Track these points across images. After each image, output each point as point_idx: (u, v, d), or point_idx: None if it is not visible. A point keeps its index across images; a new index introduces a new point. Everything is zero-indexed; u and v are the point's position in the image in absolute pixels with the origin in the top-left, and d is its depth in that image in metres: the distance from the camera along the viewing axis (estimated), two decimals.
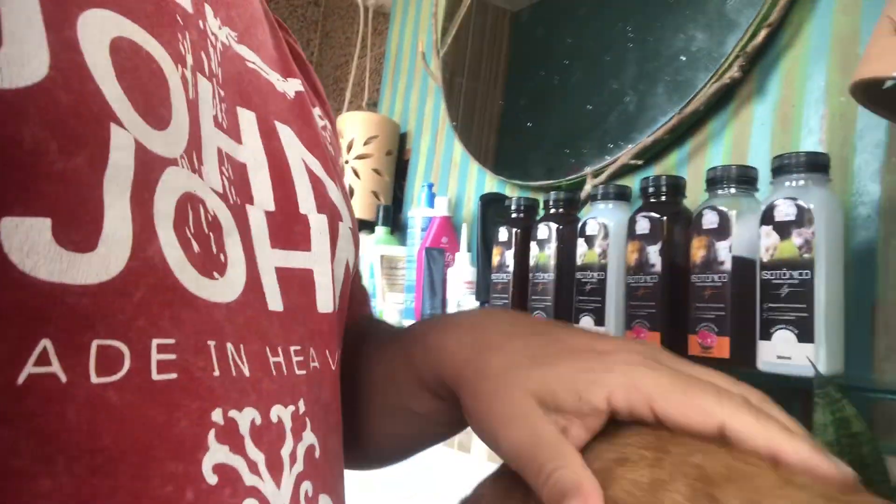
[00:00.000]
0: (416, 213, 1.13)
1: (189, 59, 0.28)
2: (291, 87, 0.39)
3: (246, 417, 0.26)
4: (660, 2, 0.91)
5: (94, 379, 0.21)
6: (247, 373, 0.27)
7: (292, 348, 0.31)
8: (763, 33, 0.76)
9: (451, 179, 1.23)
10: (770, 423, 0.26)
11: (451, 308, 1.01)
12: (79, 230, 0.21)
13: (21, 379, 0.20)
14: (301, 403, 0.30)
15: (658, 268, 0.70)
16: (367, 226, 1.27)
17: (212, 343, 0.26)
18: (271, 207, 0.32)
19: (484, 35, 1.28)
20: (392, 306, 1.13)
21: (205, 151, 0.28)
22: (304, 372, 0.31)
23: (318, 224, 0.35)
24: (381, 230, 1.24)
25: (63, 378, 0.21)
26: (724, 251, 0.64)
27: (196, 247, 0.26)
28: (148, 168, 0.24)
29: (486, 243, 0.99)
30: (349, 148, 1.31)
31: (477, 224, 1.03)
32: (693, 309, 0.66)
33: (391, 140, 1.34)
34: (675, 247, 0.71)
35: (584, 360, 0.29)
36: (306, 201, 0.34)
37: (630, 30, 0.94)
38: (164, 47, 0.27)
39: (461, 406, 0.32)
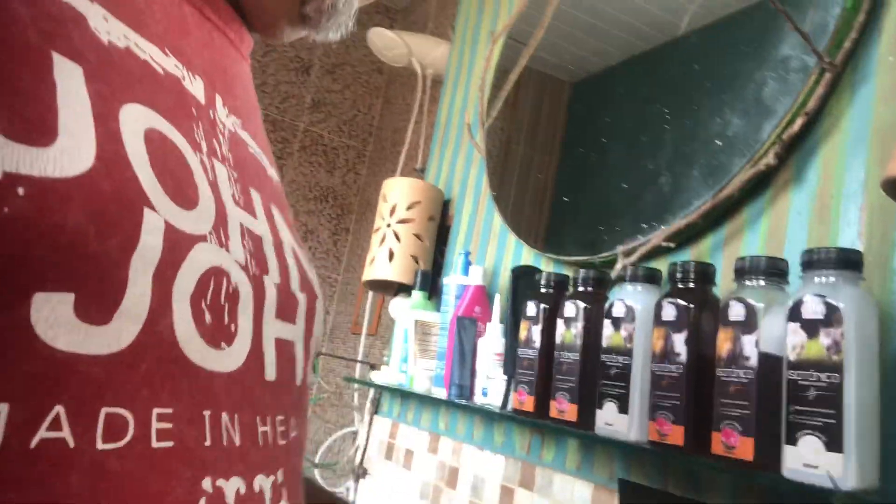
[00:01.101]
0: (452, 281, 1.14)
1: (204, 146, 0.31)
2: (274, 174, 0.42)
3: (232, 487, 0.28)
4: (697, 86, 0.91)
5: (100, 445, 0.23)
6: (237, 442, 0.29)
7: (278, 418, 0.33)
8: (800, 121, 0.75)
9: (490, 249, 1.24)
10: None
11: (480, 380, 1.00)
12: (99, 305, 0.23)
13: (34, 443, 0.21)
14: (279, 473, 0.32)
15: (683, 357, 0.68)
16: (405, 289, 1.28)
17: (207, 413, 0.27)
18: (278, 280, 0.35)
19: (533, 109, 1.31)
20: (422, 372, 1.13)
21: (230, 227, 0.30)
22: (284, 442, 0.33)
23: (301, 301, 0.37)
24: (417, 295, 1.25)
25: (71, 443, 0.22)
26: (751, 346, 0.62)
27: (209, 318, 0.27)
28: (176, 246, 0.26)
29: (515, 316, 0.98)
30: (392, 212, 1.35)
31: (509, 296, 1.03)
32: (717, 405, 0.63)
33: (434, 206, 1.37)
34: (702, 337, 0.68)
35: None
36: (294, 279, 0.37)
37: (667, 112, 0.94)
38: (184, 135, 0.30)
39: None
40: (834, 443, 0.53)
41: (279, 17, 0.40)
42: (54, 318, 0.22)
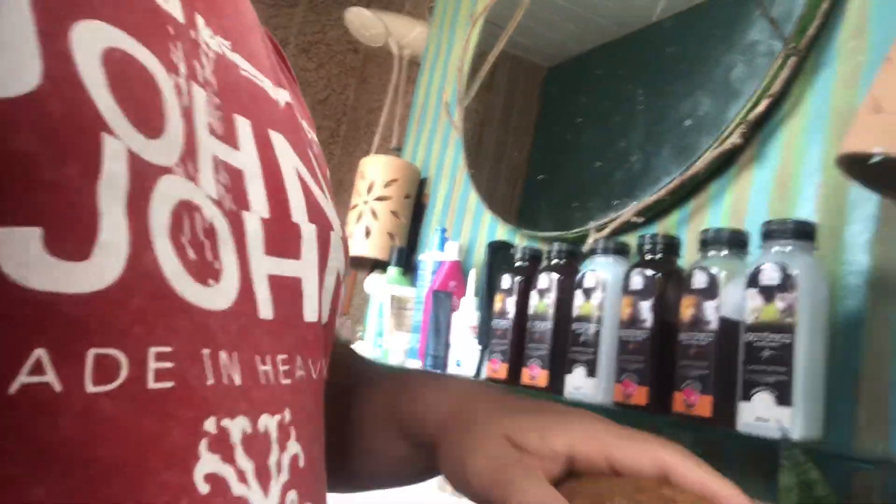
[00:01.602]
0: (428, 257, 1.17)
1: (182, 68, 0.29)
2: (282, 96, 0.40)
3: (237, 426, 0.27)
4: (670, 68, 0.95)
5: (90, 388, 0.21)
6: (238, 381, 0.28)
7: (279, 357, 0.31)
8: (765, 103, 0.78)
9: (465, 226, 1.27)
10: (702, 469, 0.31)
11: (454, 351, 1.03)
12: (72, 239, 0.21)
13: (13, 389, 0.20)
14: (286, 413, 0.31)
15: (649, 323, 0.72)
16: (381, 265, 1.30)
17: (206, 351, 0.26)
18: (266, 215, 0.32)
19: (508, 91, 1.34)
20: (398, 345, 1.15)
21: (200, 159, 0.28)
22: (289, 381, 0.32)
23: (308, 233, 0.35)
24: (393, 270, 1.27)
25: (58, 387, 0.21)
26: (712, 311, 0.66)
27: (191, 254, 0.26)
28: (142, 177, 0.24)
29: (490, 289, 1.01)
30: (369, 189, 1.36)
31: (485, 270, 1.06)
32: (679, 366, 0.67)
33: (411, 184, 1.39)
34: (666, 304, 0.72)
35: (550, 413, 0.35)
36: (298, 210, 0.34)
37: (641, 93, 0.97)
38: (157, 57, 0.27)
39: (436, 454, 0.36)
40: (784, 397, 0.57)
41: None
42: (23, 256, 0.20)
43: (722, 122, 0.82)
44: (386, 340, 1.19)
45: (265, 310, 0.31)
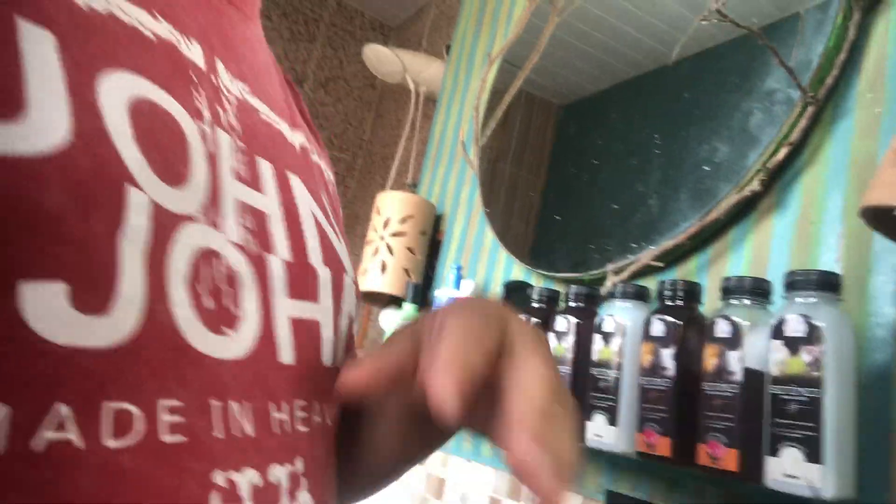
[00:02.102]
0: (442, 294, 1.16)
1: (207, 114, 0.29)
2: (297, 139, 0.40)
3: (245, 479, 0.27)
4: (686, 113, 0.96)
5: (109, 443, 0.22)
6: (249, 431, 0.27)
7: (297, 403, 0.31)
8: (784, 151, 0.79)
9: (481, 264, 1.27)
10: (537, 363, 0.28)
11: None
12: (94, 293, 0.22)
13: (38, 445, 0.20)
14: (299, 462, 0.31)
15: (671, 372, 0.71)
16: (396, 301, 1.30)
17: (216, 403, 0.26)
18: (288, 257, 0.32)
19: (521, 129, 1.35)
20: None
21: (224, 204, 0.28)
22: (306, 429, 0.32)
23: (324, 277, 0.35)
24: (408, 307, 1.27)
25: (78, 443, 0.21)
26: (736, 362, 0.65)
27: (209, 303, 0.26)
28: (164, 227, 0.24)
29: None
30: (385, 224, 1.37)
31: None
32: (703, 418, 0.66)
33: (426, 220, 1.40)
34: (689, 352, 0.72)
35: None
36: (314, 253, 0.35)
37: (657, 137, 0.98)
38: (182, 104, 0.27)
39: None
40: (814, 454, 0.56)
41: None
42: (49, 311, 0.20)
43: (741, 169, 0.83)
44: None
45: (286, 354, 0.31)
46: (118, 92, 0.24)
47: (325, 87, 2.47)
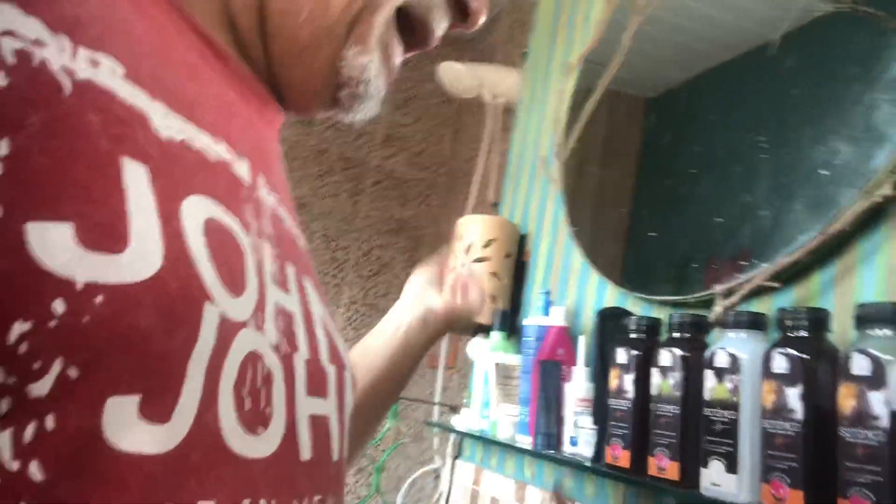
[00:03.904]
0: (532, 322, 1.11)
1: (254, 226, 0.32)
2: (303, 240, 0.43)
3: None
4: (796, 111, 0.85)
5: None
6: None
7: (315, 498, 0.33)
8: None
9: (570, 287, 1.20)
10: None
11: (567, 427, 0.95)
12: (161, 404, 0.24)
13: None
14: None
15: (799, 414, 0.62)
16: (483, 330, 1.26)
17: (247, 502, 0.27)
18: (308, 356, 0.35)
19: (607, 132, 1.27)
20: (505, 418, 1.09)
21: (267, 308, 0.31)
22: None
23: (331, 374, 0.37)
24: (497, 335, 1.22)
25: None
26: (880, 405, 0.55)
27: (248, 404, 0.28)
28: (225, 336, 0.27)
29: (603, 361, 0.94)
30: (467, 251, 1.33)
31: (595, 340, 0.98)
32: (843, 469, 0.57)
33: (510, 243, 1.34)
34: (819, 391, 0.62)
35: None
36: (323, 350, 0.37)
37: (763, 140, 0.88)
38: (237, 218, 0.30)
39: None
40: None
41: (315, 101, 0.40)
42: (122, 421, 0.22)
43: (867, 171, 0.72)
44: (493, 412, 1.13)
45: (305, 451, 0.32)
46: (196, 215, 0.27)
47: (402, 108, 2.48)
